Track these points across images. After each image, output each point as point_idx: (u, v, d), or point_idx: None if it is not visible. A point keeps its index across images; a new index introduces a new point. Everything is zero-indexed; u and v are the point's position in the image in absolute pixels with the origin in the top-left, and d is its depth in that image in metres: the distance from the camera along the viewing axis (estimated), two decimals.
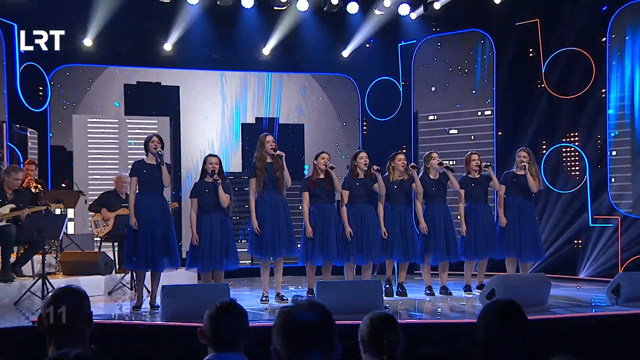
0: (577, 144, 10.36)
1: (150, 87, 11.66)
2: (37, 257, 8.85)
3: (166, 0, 10.68)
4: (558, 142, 10.46)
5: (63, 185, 11.23)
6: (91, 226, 9.84)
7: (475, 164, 8.67)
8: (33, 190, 9.50)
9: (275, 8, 10.93)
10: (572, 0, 10.39)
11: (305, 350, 2.17)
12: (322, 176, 8.14)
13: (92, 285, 8.63)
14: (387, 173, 8.50)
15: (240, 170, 11.32)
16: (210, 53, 11.61)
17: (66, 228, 9.75)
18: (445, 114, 11.43)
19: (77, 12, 10.81)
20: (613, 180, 9.99)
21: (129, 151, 11.04)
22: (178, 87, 11.65)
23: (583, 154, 10.21)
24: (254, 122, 11.83)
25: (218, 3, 10.62)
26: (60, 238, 9.35)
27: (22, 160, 10.45)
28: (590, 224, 10.05)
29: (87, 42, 11.00)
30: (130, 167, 7.98)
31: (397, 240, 8.38)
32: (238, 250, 8.21)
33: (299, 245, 8.40)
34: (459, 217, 8.72)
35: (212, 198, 7.75)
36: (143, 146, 7.80)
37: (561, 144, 10.43)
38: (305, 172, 10.73)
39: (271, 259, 8.12)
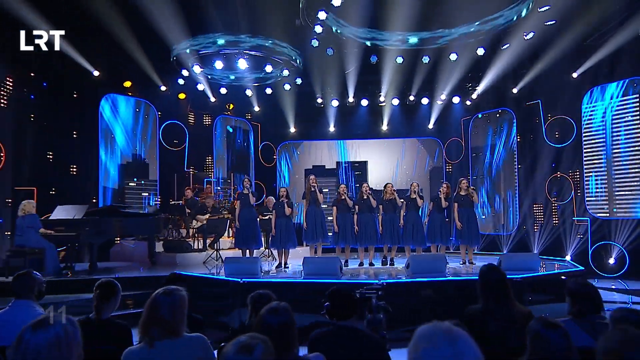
0: (577, 174, 12.96)
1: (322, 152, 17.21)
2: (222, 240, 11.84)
3: (321, 105, 16.29)
4: (554, 173, 13.47)
5: None
6: None
7: (444, 190, 11.05)
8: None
9: (379, 104, 16.32)
10: (559, 87, 13.28)
11: None
12: (343, 197, 10.56)
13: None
14: (381, 194, 10.89)
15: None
16: (353, 130, 17.17)
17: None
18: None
19: (284, 110, 16.17)
20: (587, 195, 12.58)
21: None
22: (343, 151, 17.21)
23: (570, 180, 13.14)
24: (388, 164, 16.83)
25: (347, 104, 16.20)
26: (226, 231, 12.44)
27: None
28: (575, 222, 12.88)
29: (292, 129, 16.93)
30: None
31: (388, 233, 10.71)
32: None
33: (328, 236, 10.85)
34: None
35: (282, 210, 10.35)
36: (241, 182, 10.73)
37: (557, 174, 13.47)
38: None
39: (314, 244, 10.60)
